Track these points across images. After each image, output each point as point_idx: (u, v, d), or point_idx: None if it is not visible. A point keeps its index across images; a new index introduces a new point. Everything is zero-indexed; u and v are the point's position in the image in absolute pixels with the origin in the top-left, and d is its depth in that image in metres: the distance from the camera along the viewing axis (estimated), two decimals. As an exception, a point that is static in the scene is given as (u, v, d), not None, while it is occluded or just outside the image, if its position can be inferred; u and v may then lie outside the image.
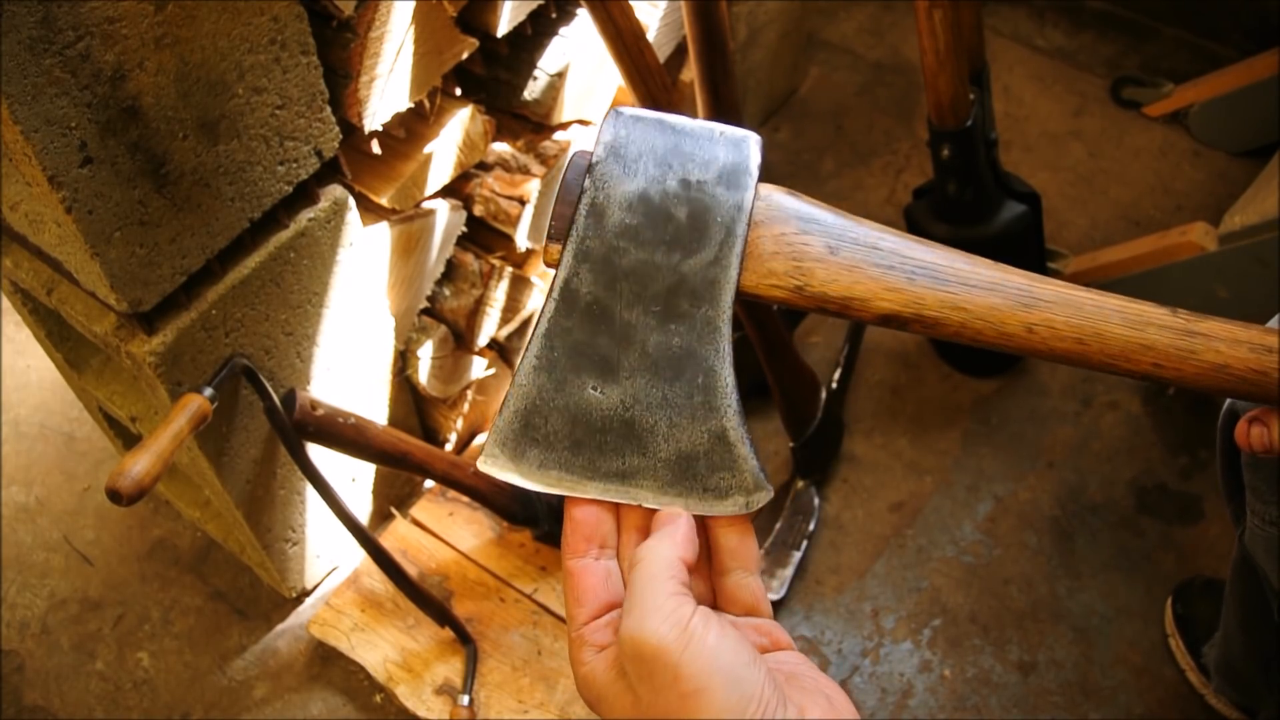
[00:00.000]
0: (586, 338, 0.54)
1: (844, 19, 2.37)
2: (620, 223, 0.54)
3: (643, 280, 0.54)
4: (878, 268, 0.54)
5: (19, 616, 1.59)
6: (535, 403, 0.54)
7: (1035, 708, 1.45)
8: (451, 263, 1.46)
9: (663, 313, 0.53)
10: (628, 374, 0.54)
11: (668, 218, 0.54)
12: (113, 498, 0.95)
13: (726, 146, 0.55)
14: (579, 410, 0.54)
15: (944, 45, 1.35)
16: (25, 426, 1.80)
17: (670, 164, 0.54)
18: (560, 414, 0.54)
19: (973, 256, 0.55)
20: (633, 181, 0.54)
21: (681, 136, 0.55)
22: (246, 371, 1.18)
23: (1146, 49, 2.24)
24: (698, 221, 0.54)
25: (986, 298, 0.54)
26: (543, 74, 1.42)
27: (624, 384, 0.54)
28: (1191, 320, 0.54)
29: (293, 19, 1.04)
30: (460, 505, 1.57)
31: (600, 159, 0.54)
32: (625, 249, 0.53)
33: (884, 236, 0.55)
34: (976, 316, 0.54)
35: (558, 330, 0.54)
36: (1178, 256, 1.67)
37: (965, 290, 0.54)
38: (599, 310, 0.53)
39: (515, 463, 0.54)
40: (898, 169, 2.08)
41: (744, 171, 0.54)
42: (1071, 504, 1.64)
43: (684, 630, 0.47)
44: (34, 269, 1.17)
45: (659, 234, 0.54)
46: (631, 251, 0.54)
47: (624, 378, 0.54)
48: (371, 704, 1.46)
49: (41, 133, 0.88)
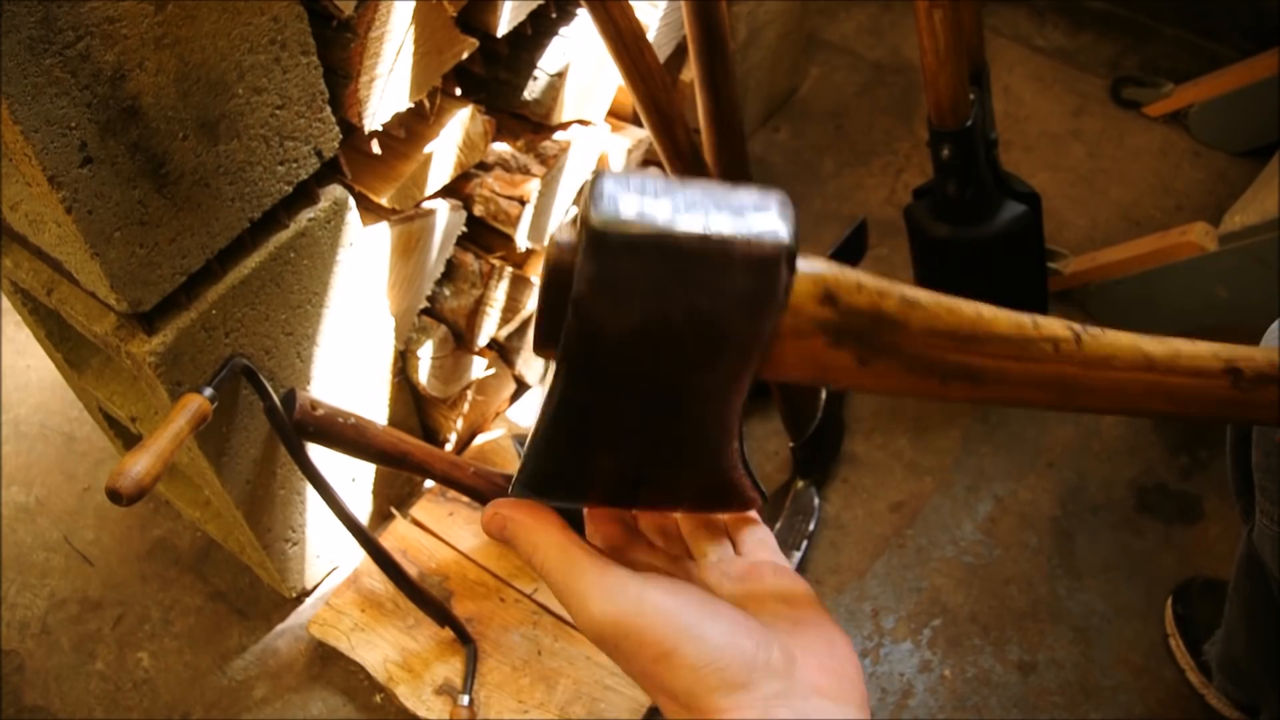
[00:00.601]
0: (591, 427, 0.50)
1: (844, 19, 2.37)
2: (616, 350, 0.46)
3: (647, 391, 0.48)
4: (911, 374, 0.49)
5: (19, 616, 1.59)
6: (548, 469, 0.52)
7: (1035, 708, 1.45)
8: (451, 263, 1.46)
9: (669, 410, 0.49)
10: (635, 449, 0.51)
11: (673, 346, 0.46)
12: (113, 498, 0.95)
13: (745, 271, 0.44)
14: (590, 469, 0.52)
15: (944, 45, 1.35)
16: (25, 426, 1.80)
17: (673, 295, 0.44)
18: (572, 473, 0.52)
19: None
20: (627, 316, 0.45)
21: (687, 262, 0.44)
22: (246, 371, 1.18)
23: (1146, 49, 2.24)
24: (708, 346, 0.46)
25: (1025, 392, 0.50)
26: (543, 74, 1.42)
27: (633, 454, 0.51)
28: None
29: (293, 19, 1.04)
30: (460, 505, 1.57)
31: (583, 295, 0.44)
32: (624, 372, 0.47)
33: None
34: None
35: (563, 424, 0.50)
36: (1178, 256, 1.67)
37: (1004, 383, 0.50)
38: (600, 408, 0.49)
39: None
40: (898, 169, 2.08)
41: (767, 298, 0.45)
42: (1071, 504, 1.64)
43: (629, 599, 0.47)
44: (34, 269, 1.17)
45: (661, 360, 0.46)
46: (632, 371, 0.47)
47: (631, 451, 0.51)
48: (371, 704, 1.46)
49: (41, 133, 0.88)
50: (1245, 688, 1.35)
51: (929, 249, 1.64)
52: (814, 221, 2.00)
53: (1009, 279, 1.66)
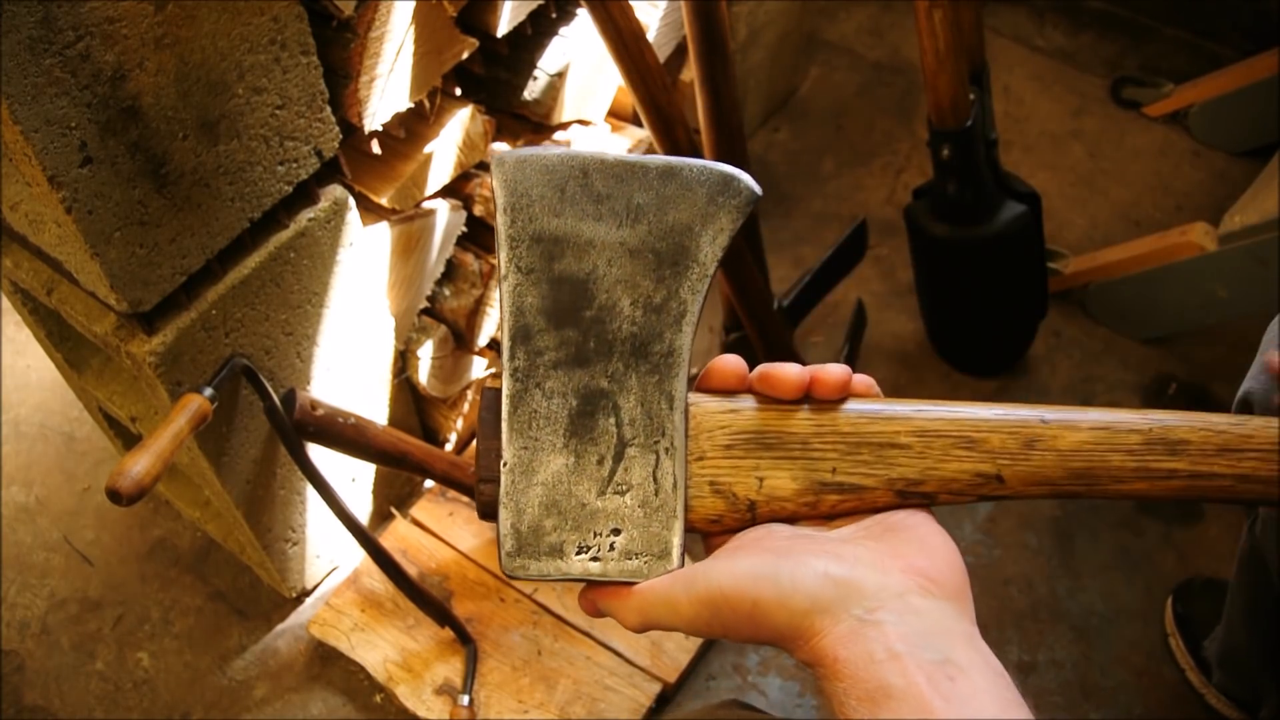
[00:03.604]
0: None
1: (844, 19, 2.37)
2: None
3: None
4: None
5: (19, 616, 1.59)
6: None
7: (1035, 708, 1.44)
8: (451, 263, 1.46)
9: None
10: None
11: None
12: (113, 498, 0.95)
13: None
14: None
15: (944, 45, 1.35)
16: (25, 426, 1.80)
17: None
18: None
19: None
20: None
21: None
22: (246, 371, 1.18)
23: (1146, 49, 2.24)
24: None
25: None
26: (543, 74, 1.42)
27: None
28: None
29: (293, 19, 1.04)
30: (460, 505, 1.57)
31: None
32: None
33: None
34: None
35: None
36: (1178, 256, 1.67)
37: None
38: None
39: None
40: (898, 169, 2.08)
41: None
42: (1071, 504, 1.64)
43: (701, 582, 0.50)
44: (34, 269, 1.17)
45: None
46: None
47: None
48: (371, 704, 1.46)
49: (41, 133, 0.88)
50: (1245, 684, 1.35)
51: (929, 249, 1.64)
52: (814, 221, 2.00)
53: (1009, 279, 1.66)
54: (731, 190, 0.54)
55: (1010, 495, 0.53)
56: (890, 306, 1.89)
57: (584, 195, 0.53)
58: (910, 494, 0.53)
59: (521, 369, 0.53)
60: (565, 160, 0.53)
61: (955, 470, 0.53)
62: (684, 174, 0.53)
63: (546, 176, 0.53)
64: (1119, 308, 1.79)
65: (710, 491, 0.54)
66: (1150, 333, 1.79)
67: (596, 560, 0.53)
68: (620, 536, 0.53)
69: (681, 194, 0.53)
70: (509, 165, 0.53)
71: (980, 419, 0.53)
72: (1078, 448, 0.52)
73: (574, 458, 0.53)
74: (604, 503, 0.53)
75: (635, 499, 0.53)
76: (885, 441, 0.53)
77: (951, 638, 0.46)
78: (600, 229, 0.53)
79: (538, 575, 0.53)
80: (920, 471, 0.53)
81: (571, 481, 0.53)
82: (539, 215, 0.53)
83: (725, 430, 0.54)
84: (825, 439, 0.53)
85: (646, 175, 0.53)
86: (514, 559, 0.53)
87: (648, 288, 0.54)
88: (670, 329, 0.54)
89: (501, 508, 0.53)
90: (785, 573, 0.48)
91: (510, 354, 0.53)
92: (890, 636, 0.45)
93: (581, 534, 0.53)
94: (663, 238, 0.54)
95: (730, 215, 0.54)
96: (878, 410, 0.53)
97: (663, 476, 0.53)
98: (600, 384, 0.53)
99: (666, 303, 0.54)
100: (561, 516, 0.53)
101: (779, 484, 0.53)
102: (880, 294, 1.90)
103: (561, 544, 0.53)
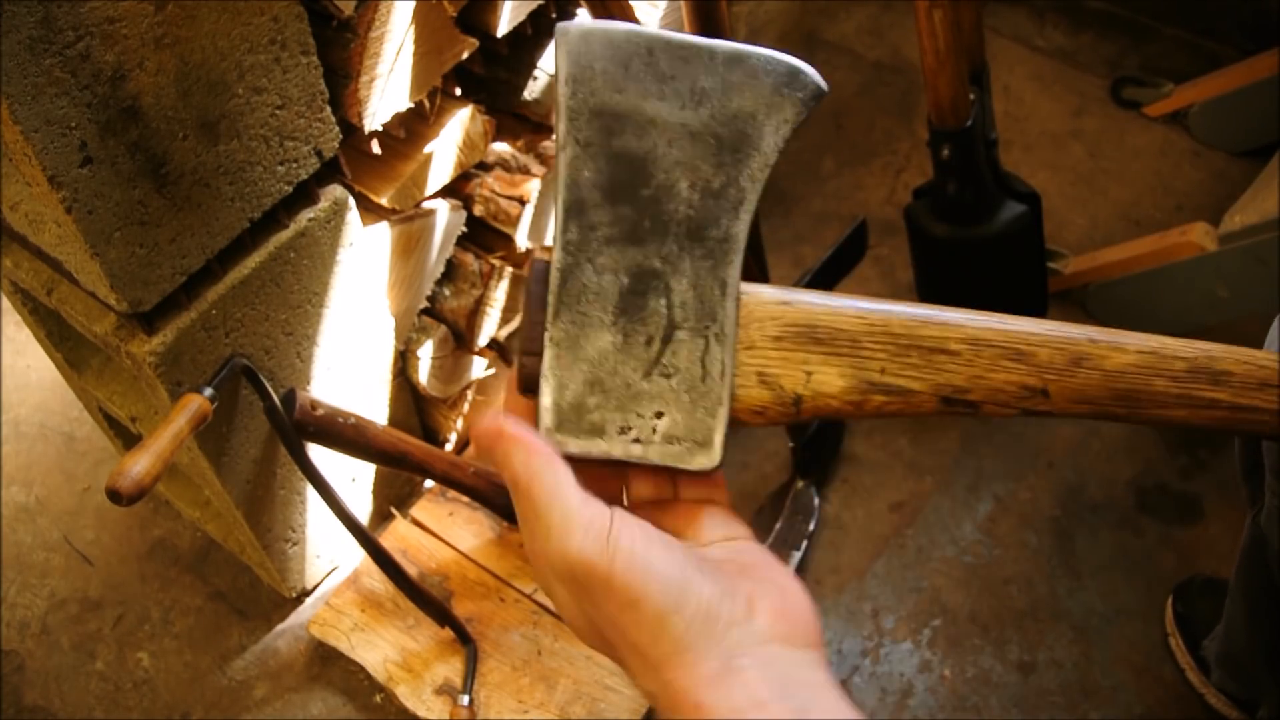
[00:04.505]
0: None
1: (844, 19, 2.37)
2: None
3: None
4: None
5: (19, 616, 1.59)
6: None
7: (1035, 708, 1.45)
8: (451, 263, 1.46)
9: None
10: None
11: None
12: (113, 498, 0.95)
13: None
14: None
15: (944, 45, 1.35)
16: (25, 426, 1.80)
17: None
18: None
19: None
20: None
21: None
22: (246, 371, 1.18)
23: (1146, 49, 2.24)
24: None
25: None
26: (543, 74, 1.42)
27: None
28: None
29: (293, 19, 1.04)
30: (460, 505, 1.57)
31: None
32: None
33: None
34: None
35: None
36: (1178, 256, 1.67)
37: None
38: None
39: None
40: (898, 169, 2.08)
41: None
42: (1071, 504, 1.64)
43: (607, 540, 0.46)
44: (34, 269, 1.17)
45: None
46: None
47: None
48: (371, 704, 1.46)
49: (41, 133, 0.88)
50: (1243, 682, 1.35)
51: (929, 249, 1.64)
52: (814, 221, 2.00)
53: (1009, 279, 1.66)
54: (798, 83, 0.53)
55: (1053, 411, 0.53)
56: (890, 306, 1.88)
57: (648, 73, 0.52)
58: (955, 401, 0.53)
59: (574, 242, 0.52)
60: (631, 36, 0.52)
61: (1002, 380, 0.52)
62: (751, 61, 0.52)
63: (611, 51, 0.52)
64: (1119, 308, 1.79)
65: (757, 382, 0.52)
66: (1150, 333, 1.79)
67: (638, 442, 0.52)
68: (663, 420, 0.52)
69: (747, 81, 0.52)
70: (573, 36, 0.51)
71: (1031, 332, 0.52)
72: (1123, 369, 0.52)
73: (621, 336, 0.52)
74: (649, 384, 0.52)
75: (681, 383, 0.52)
76: (935, 346, 0.52)
77: (812, 689, 0.46)
78: (662, 108, 0.52)
79: (577, 452, 0.51)
80: (967, 379, 0.52)
81: (618, 360, 0.52)
82: (601, 89, 0.52)
83: (776, 321, 0.52)
84: (876, 338, 0.52)
85: (713, 59, 0.52)
86: (553, 434, 0.51)
87: (707, 171, 0.52)
88: (727, 215, 0.52)
89: (544, 381, 0.52)
90: (682, 587, 0.45)
91: (563, 227, 0.52)
92: (756, 686, 0.44)
93: (625, 414, 0.52)
94: (725, 123, 0.52)
95: (795, 107, 0.53)
96: (930, 315, 0.53)
97: (710, 362, 0.52)
98: (653, 264, 0.52)
99: (725, 189, 0.52)
100: (605, 395, 0.52)
101: (827, 380, 0.52)
102: (880, 294, 1.89)
103: (604, 423, 0.52)
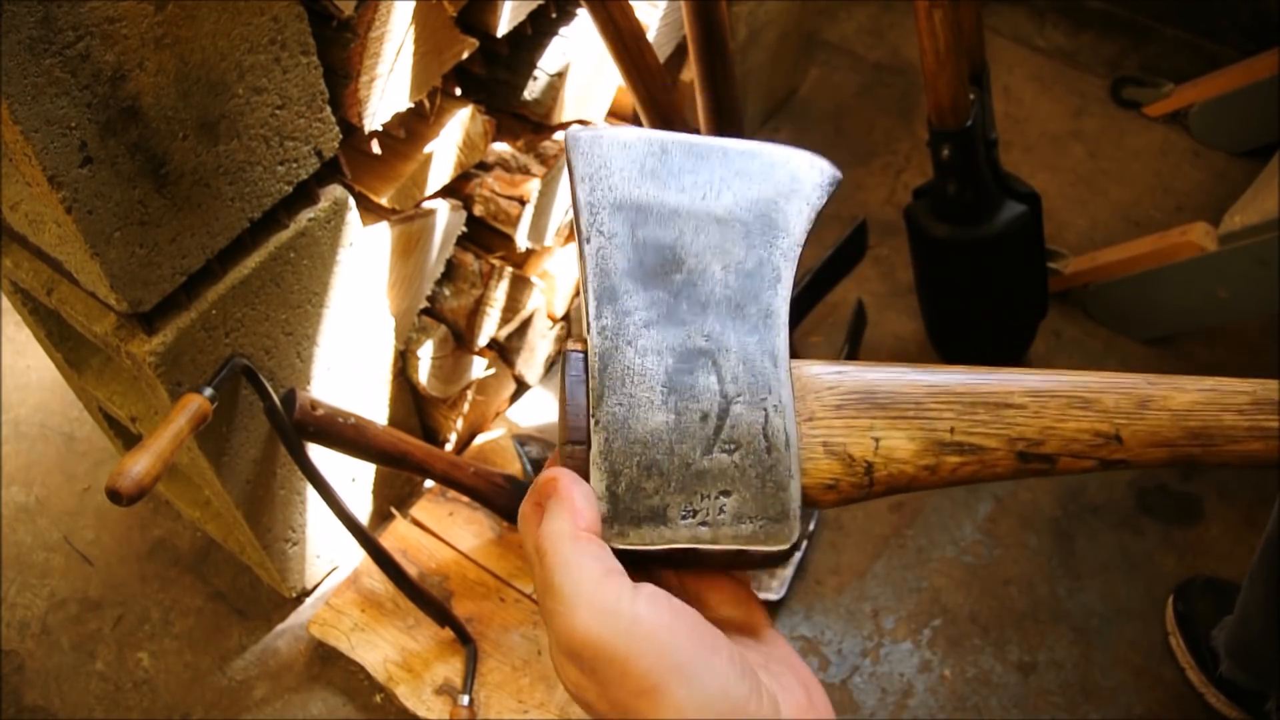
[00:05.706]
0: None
1: (844, 19, 2.37)
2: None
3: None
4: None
5: (19, 616, 1.59)
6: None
7: (1035, 708, 1.45)
8: (451, 263, 1.46)
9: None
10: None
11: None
12: (113, 498, 0.95)
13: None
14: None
15: (944, 45, 1.35)
16: (25, 426, 1.80)
17: None
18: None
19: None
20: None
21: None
22: (246, 371, 1.18)
23: (1146, 49, 2.24)
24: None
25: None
26: (543, 74, 1.42)
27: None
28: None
29: (293, 19, 1.04)
30: (460, 505, 1.57)
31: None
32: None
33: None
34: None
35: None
36: (1178, 256, 1.67)
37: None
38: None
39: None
40: (898, 169, 2.08)
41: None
42: (1071, 504, 1.64)
43: (619, 619, 0.41)
44: (34, 269, 1.17)
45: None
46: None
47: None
48: (371, 704, 1.46)
49: (41, 133, 0.88)
50: (1256, 671, 1.35)
51: (929, 249, 1.64)
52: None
53: (1009, 279, 1.66)
54: (815, 171, 0.54)
55: (1129, 461, 0.51)
56: (890, 306, 1.89)
57: (664, 170, 0.51)
58: (1031, 456, 0.51)
59: (610, 328, 0.49)
60: (642, 138, 0.51)
61: (1074, 429, 0.50)
62: (766, 155, 0.53)
63: (624, 151, 0.51)
64: (1119, 308, 1.79)
65: (824, 453, 0.49)
66: (1150, 333, 1.79)
67: (705, 525, 0.47)
68: (730, 499, 0.48)
69: (764, 171, 0.52)
70: (585, 140, 0.51)
71: (1090, 381, 0.51)
72: (1190, 407, 0.50)
73: (674, 415, 0.48)
74: (710, 462, 0.48)
75: (745, 458, 0.48)
76: (1000, 402, 0.51)
77: None
78: (684, 199, 0.51)
79: (639, 544, 0.47)
80: (1039, 431, 0.50)
81: (673, 439, 0.48)
82: (619, 185, 0.51)
83: (834, 390, 0.51)
84: (938, 398, 0.51)
85: (727, 154, 0.52)
86: (610, 526, 0.47)
87: (738, 254, 0.51)
88: (767, 290, 0.51)
89: (594, 468, 0.47)
90: (707, 680, 0.41)
91: (596, 313, 0.49)
92: None
93: (687, 495, 0.47)
94: (749, 209, 0.52)
95: (816, 192, 0.53)
96: (985, 375, 0.52)
97: (773, 434, 0.48)
98: (698, 342, 0.49)
99: (760, 267, 0.51)
100: (663, 477, 0.47)
101: (896, 444, 0.50)
102: (880, 294, 1.90)
103: (665, 507, 0.47)
